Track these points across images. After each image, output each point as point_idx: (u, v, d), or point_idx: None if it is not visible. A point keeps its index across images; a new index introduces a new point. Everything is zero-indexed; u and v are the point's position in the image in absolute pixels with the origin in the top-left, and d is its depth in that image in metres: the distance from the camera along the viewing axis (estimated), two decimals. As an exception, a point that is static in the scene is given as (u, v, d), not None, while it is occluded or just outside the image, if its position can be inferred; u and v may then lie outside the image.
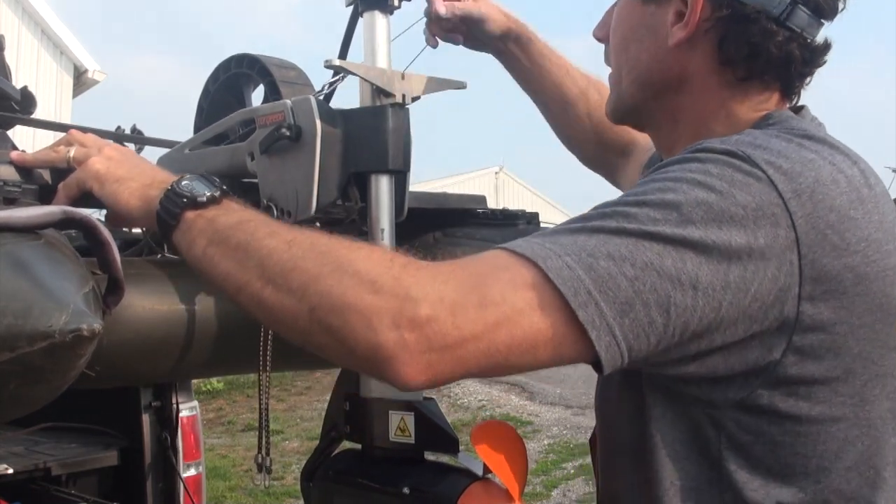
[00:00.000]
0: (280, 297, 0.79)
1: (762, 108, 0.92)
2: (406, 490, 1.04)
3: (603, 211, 0.79)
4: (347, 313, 0.75)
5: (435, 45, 1.29)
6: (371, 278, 0.76)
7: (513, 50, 1.35)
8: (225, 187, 0.90)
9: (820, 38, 0.91)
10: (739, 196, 0.76)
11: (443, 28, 1.28)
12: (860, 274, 0.79)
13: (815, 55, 0.91)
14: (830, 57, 0.92)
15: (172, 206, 0.87)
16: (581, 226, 0.78)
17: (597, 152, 1.40)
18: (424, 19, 1.27)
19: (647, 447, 0.87)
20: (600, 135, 1.37)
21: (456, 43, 1.32)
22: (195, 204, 0.87)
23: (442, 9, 1.25)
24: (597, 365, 0.77)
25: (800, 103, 0.95)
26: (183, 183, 0.89)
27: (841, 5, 0.91)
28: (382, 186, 1.10)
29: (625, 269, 0.74)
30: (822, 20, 0.90)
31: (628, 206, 0.78)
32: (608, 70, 1.04)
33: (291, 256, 0.80)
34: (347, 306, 0.75)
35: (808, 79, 0.93)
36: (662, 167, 0.82)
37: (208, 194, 0.88)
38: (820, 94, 0.98)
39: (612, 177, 1.40)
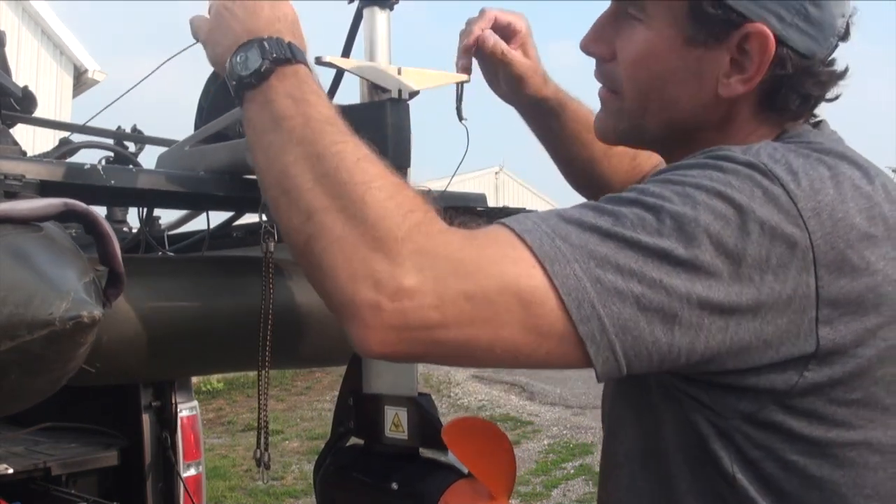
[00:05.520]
0: (289, 211, 0.78)
1: (782, 127, 0.88)
2: (395, 485, 1.05)
3: (618, 210, 0.75)
4: (337, 258, 0.74)
5: (468, 75, 1.18)
6: (375, 230, 0.73)
7: (545, 117, 1.25)
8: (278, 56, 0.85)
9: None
10: (759, 212, 0.73)
11: (472, 59, 1.17)
12: (883, 294, 0.76)
13: (839, 79, 0.87)
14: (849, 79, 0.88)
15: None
16: (594, 223, 0.74)
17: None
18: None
19: (656, 453, 0.84)
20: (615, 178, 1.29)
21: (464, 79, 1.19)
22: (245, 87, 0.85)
23: (490, 40, 1.14)
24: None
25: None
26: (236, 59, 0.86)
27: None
28: (382, 182, 1.10)
29: (632, 285, 0.72)
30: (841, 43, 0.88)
31: (646, 209, 0.74)
32: (598, 85, 0.95)
33: (315, 174, 0.77)
34: (341, 251, 0.74)
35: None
36: (683, 167, 0.79)
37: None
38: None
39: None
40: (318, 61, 1.08)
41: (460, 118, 1.21)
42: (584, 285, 0.72)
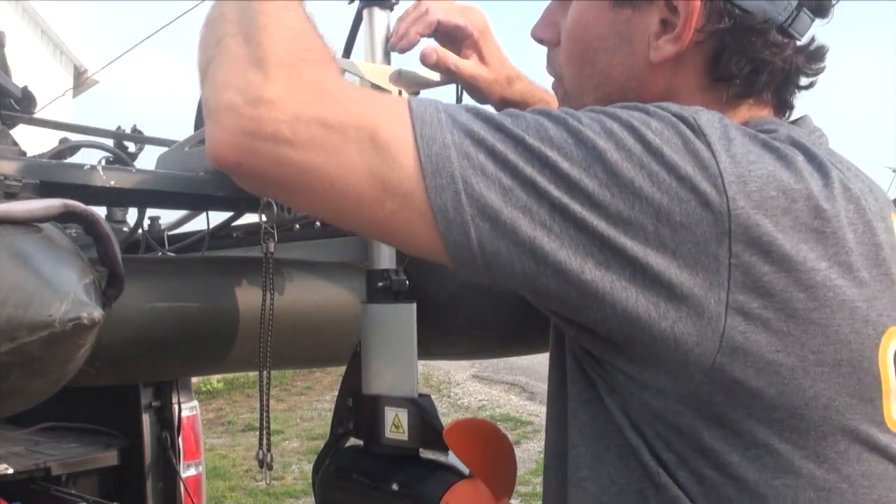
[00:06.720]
0: (207, 40, 0.79)
1: (737, 108, 0.78)
2: (395, 487, 1.05)
3: (524, 114, 0.69)
4: (222, 70, 0.74)
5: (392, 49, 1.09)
6: (263, 52, 0.72)
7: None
8: None
9: (808, 37, 0.78)
10: (670, 157, 0.64)
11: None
12: (820, 298, 0.64)
13: (813, 62, 0.79)
14: (827, 63, 0.80)
15: None
16: (490, 115, 0.69)
17: None
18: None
19: (571, 444, 0.75)
20: None
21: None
22: None
23: (432, 57, 1.05)
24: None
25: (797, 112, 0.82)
26: None
27: (834, 0, 0.78)
28: (382, 183, 1.10)
29: (502, 175, 0.65)
30: (817, 20, 0.78)
31: (549, 119, 0.68)
32: (551, 79, 0.89)
33: (240, 11, 0.77)
34: (227, 65, 0.74)
35: (808, 88, 0.81)
36: (616, 106, 0.71)
37: None
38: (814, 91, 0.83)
39: None
40: None
41: None
42: (449, 154, 0.66)
